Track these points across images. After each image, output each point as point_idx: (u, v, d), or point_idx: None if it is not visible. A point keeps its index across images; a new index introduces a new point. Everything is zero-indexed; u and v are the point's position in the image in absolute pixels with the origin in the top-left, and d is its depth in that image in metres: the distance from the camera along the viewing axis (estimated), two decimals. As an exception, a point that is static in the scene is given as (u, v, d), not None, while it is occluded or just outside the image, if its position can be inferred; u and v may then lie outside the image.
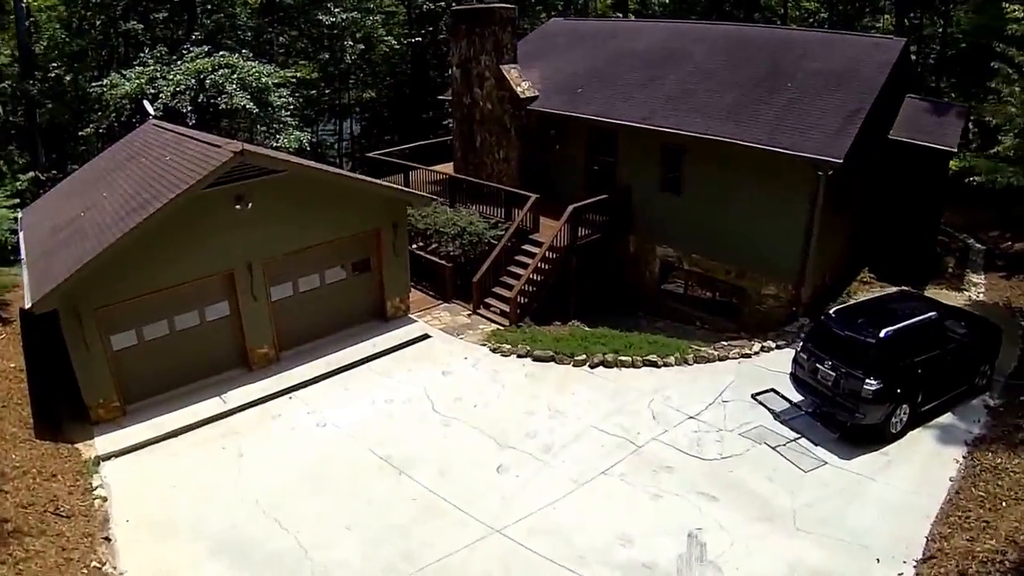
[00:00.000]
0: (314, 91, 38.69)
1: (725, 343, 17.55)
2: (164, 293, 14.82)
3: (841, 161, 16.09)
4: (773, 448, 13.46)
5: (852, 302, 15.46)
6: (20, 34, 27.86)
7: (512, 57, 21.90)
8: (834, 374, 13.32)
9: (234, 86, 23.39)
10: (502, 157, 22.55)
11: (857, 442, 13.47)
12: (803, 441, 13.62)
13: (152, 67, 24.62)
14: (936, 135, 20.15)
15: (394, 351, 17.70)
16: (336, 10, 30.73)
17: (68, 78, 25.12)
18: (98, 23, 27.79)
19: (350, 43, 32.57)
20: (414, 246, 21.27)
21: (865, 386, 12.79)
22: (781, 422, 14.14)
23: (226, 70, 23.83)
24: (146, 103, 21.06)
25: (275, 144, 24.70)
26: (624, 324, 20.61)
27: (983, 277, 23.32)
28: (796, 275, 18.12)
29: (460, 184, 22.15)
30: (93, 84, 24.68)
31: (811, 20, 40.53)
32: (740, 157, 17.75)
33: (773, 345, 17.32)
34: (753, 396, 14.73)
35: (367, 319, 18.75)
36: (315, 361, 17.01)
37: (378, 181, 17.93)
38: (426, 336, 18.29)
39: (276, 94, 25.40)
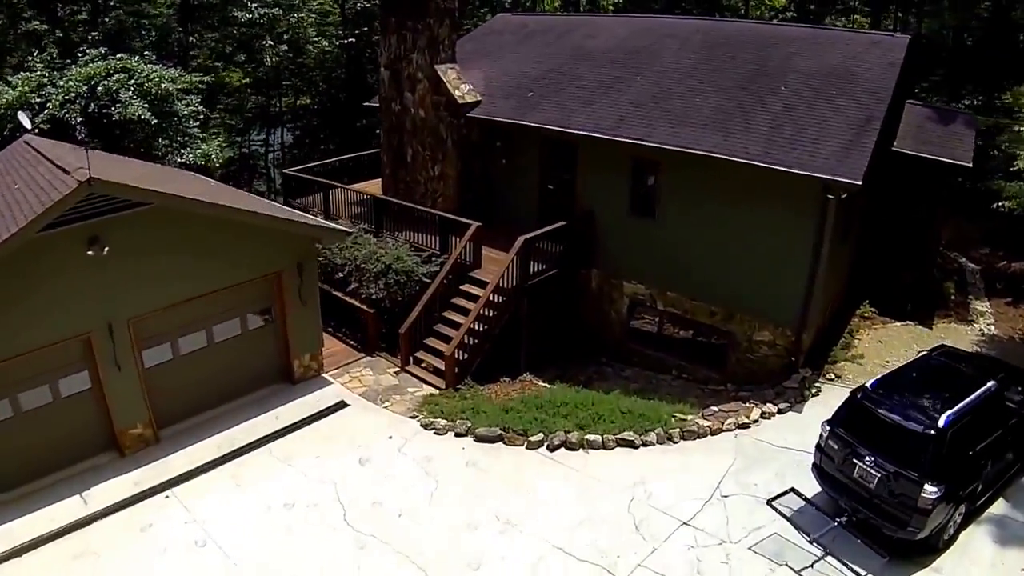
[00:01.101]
0: (242, 99, 34.50)
1: (716, 409, 14.06)
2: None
3: (860, 183, 12.79)
4: (797, 573, 9.98)
5: (890, 371, 12.09)
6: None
7: (450, 56, 18.18)
8: (878, 474, 9.92)
9: (130, 93, 19.21)
10: (437, 174, 18.81)
11: (901, 554, 10.13)
12: (831, 560, 10.19)
13: (39, 72, 20.18)
14: (947, 148, 17.12)
15: (301, 426, 13.92)
16: (253, 5, 26.46)
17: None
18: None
19: (270, 43, 28.27)
20: (328, 286, 17.44)
21: (924, 493, 9.44)
22: (802, 532, 10.67)
23: (122, 75, 19.62)
24: (21, 115, 16.72)
25: (179, 160, 20.51)
26: (586, 373, 17.17)
27: (988, 304, 20.57)
28: (796, 319, 14.79)
29: (386, 207, 18.33)
30: None
31: (776, 20, 37.68)
32: (728, 175, 14.38)
33: (775, 409, 13.95)
34: (769, 503, 11.19)
35: (271, 382, 15.02)
36: (202, 442, 13.35)
37: (277, 212, 13.95)
38: (342, 404, 14.48)
39: (183, 102, 21.20)
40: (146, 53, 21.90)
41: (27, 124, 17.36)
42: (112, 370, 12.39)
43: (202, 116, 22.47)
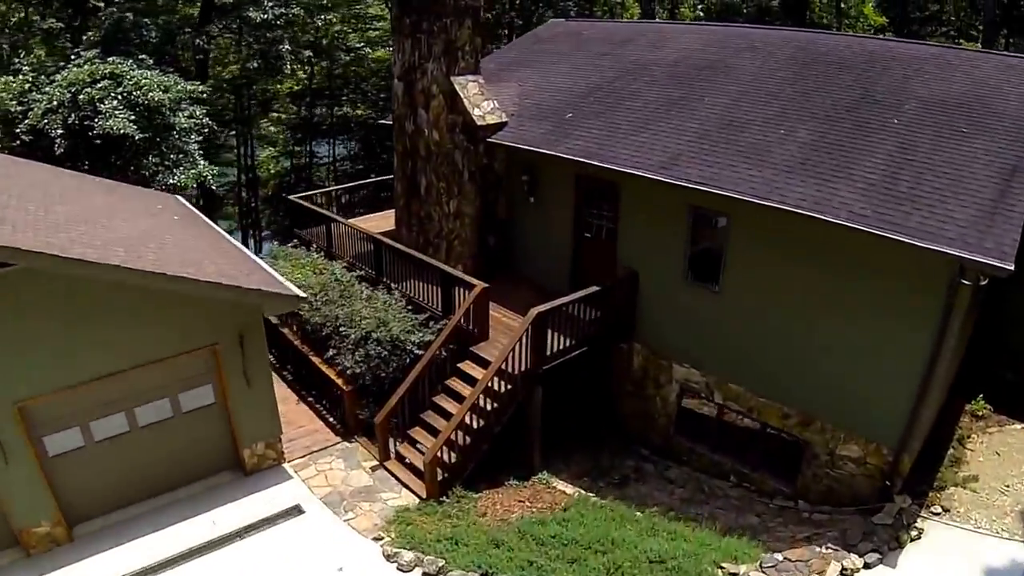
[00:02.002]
0: (289, 108, 32.24)
1: (780, 559, 10.24)
2: None
3: (1011, 267, 8.84)
4: None
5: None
6: None
7: (472, 65, 14.81)
8: None
9: (115, 103, 16.62)
10: (453, 211, 15.47)
11: None
12: None
13: (24, 77, 17.99)
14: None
15: (241, 536, 10.84)
16: (268, 4, 23.67)
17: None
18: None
19: (287, 48, 25.47)
20: (307, 347, 14.39)
21: None
22: None
23: (108, 82, 17.08)
24: None
25: (171, 181, 17.82)
26: (622, 469, 13.63)
27: None
28: (898, 436, 10.84)
29: (384, 252, 15.11)
30: None
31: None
32: (820, 238, 10.57)
33: (859, 563, 10.12)
34: None
35: (218, 470, 12.09)
36: (120, 547, 10.57)
37: (187, 274, 10.53)
38: (296, 511, 11.38)
39: (185, 113, 18.53)
40: (142, 57, 19.32)
41: None
42: None
43: (207, 130, 19.72)
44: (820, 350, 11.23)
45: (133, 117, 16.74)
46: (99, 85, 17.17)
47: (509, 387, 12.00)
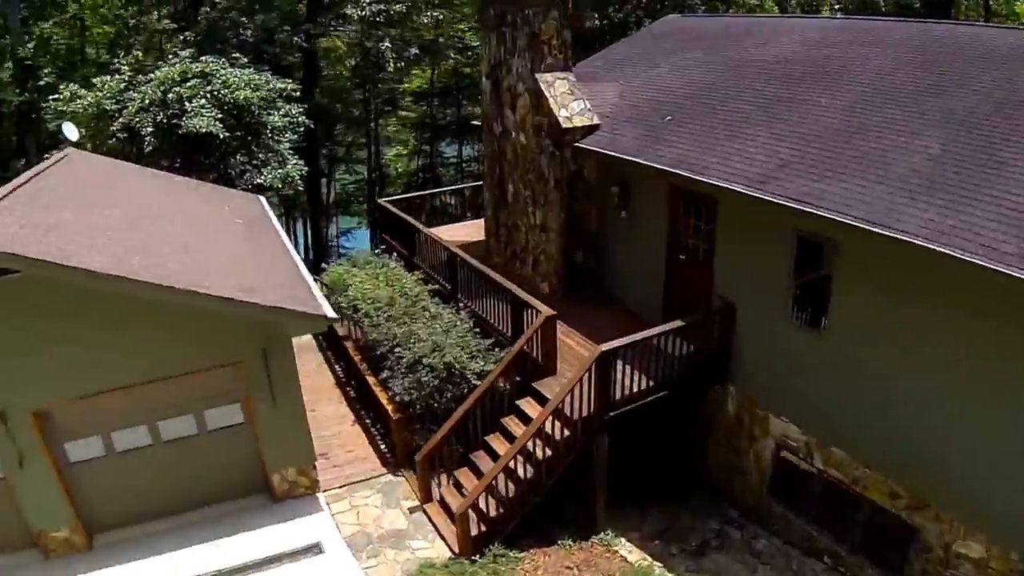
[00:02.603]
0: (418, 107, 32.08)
1: None
2: None
3: None
4: None
5: None
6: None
7: (561, 61, 13.15)
8: None
9: (203, 102, 16.73)
10: (538, 222, 13.93)
11: None
12: None
13: (119, 76, 18.59)
14: None
15: (251, 571, 10.02)
16: (366, 1, 22.96)
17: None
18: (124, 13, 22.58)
19: (387, 45, 24.48)
20: (366, 366, 13.45)
21: None
22: None
23: (197, 80, 17.25)
24: (65, 127, 14.93)
25: (258, 181, 17.70)
26: (702, 533, 11.57)
27: None
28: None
29: (458, 265, 13.82)
30: (50, 97, 19.28)
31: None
32: (953, 277, 8.00)
33: None
34: None
35: (247, 494, 11.33)
36: (135, 562, 10.09)
37: (201, 288, 9.61)
38: (316, 550, 10.34)
39: (280, 112, 18.39)
40: (235, 56, 19.35)
41: (71, 136, 15.46)
42: (13, 465, 9.59)
43: (303, 128, 19.41)
44: (944, 417, 8.65)
45: (220, 116, 16.69)
46: (188, 84, 17.29)
47: (568, 434, 10.29)
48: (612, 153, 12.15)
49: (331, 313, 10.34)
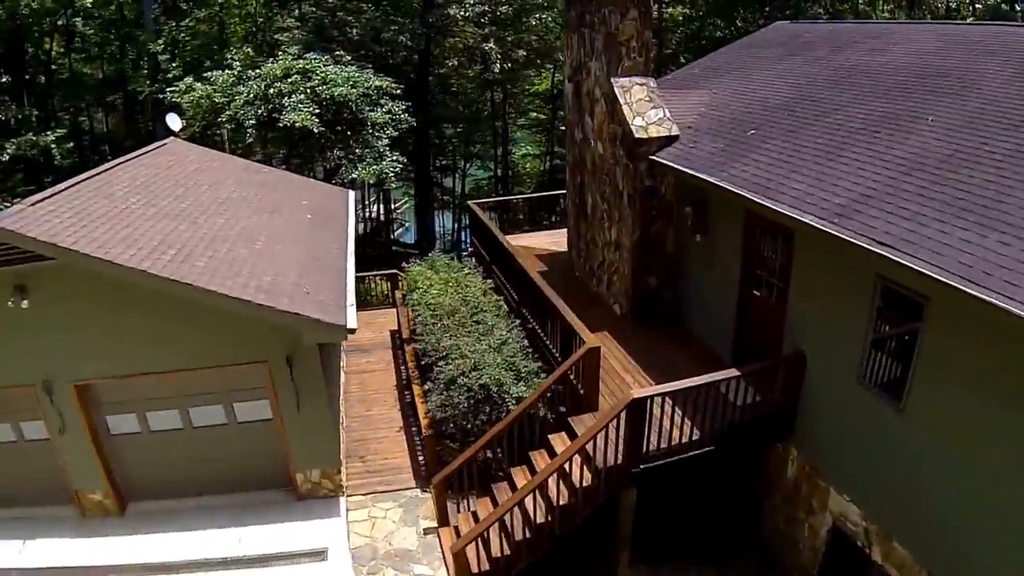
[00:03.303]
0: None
1: None
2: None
3: None
4: None
5: None
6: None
7: (640, 65, 11.54)
8: None
9: (301, 96, 16.57)
10: (613, 239, 12.49)
11: None
12: None
13: (231, 71, 18.83)
14: None
15: (258, 564, 9.81)
16: (470, 2, 21.79)
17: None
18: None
19: (492, 46, 23.11)
20: (418, 372, 12.64)
21: None
22: None
23: (297, 76, 17.13)
24: (170, 117, 15.36)
25: (353, 175, 17.39)
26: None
27: None
28: None
29: (524, 282, 12.63)
30: (167, 88, 19.91)
31: None
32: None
33: None
34: None
35: (272, 487, 11.07)
36: (159, 534, 10.27)
37: (215, 286, 8.95)
38: (321, 555, 9.81)
39: (384, 108, 17.97)
40: (338, 53, 19.02)
41: (175, 126, 15.75)
42: (55, 430, 10.09)
43: (405, 125, 18.85)
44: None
45: (317, 111, 16.44)
46: (289, 80, 17.18)
47: (587, 482, 8.92)
48: (682, 168, 10.52)
49: (352, 324, 9.59)
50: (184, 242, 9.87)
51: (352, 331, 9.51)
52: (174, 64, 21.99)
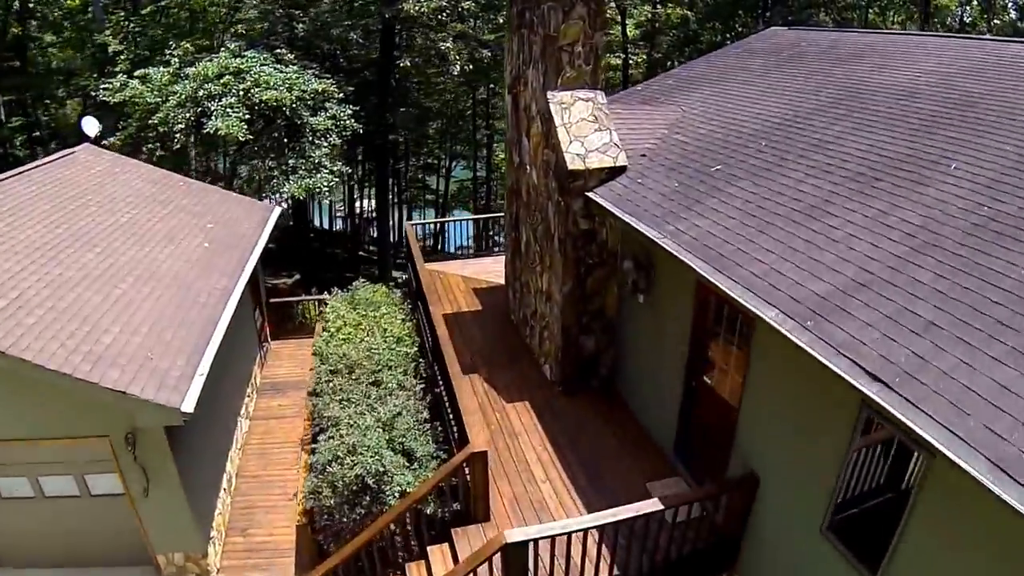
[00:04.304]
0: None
1: None
2: None
3: None
4: None
5: None
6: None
7: (587, 75, 8.68)
8: None
9: (231, 100, 13.87)
10: (544, 288, 9.76)
11: None
12: None
13: (167, 68, 16.18)
14: None
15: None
16: None
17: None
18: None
19: (448, 46, 19.90)
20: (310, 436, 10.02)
21: None
22: None
23: (230, 78, 14.42)
24: (86, 121, 12.88)
25: (283, 190, 14.64)
26: None
27: None
28: None
29: (435, 335, 9.83)
30: (100, 86, 17.21)
31: None
32: None
33: None
34: None
35: (136, 563, 8.86)
36: None
37: (29, 355, 6.61)
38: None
39: (328, 114, 15.18)
40: (279, 51, 16.17)
41: (90, 131, 13.22)
42: None
43: (347, 133, 16.03)
44: None
45: (248, 116, 13.71)
46: (222, 80, 14.56)
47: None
48: (620, 214, 7.74)
49: (189, 407, 7.01)
50: (24, 288, 7.78)
51: (186, 416, 6.91)
52: (121, 57, 19.32)
